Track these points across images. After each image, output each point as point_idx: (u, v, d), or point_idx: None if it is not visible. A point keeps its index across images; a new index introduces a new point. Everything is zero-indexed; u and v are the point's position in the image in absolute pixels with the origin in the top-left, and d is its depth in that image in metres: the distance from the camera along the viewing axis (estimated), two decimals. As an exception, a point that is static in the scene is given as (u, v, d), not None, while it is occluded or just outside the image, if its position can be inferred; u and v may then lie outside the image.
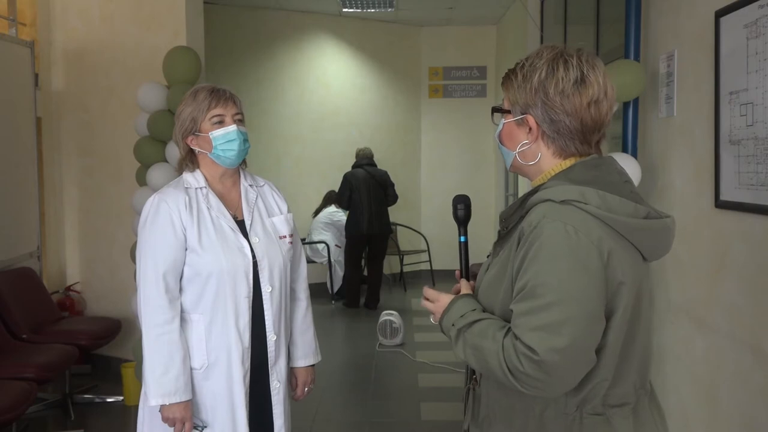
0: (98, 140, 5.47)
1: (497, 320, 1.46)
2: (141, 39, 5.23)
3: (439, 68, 9.58)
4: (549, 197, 1.43)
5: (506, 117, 1.56)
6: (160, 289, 2.15)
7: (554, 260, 1.36)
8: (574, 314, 1.34)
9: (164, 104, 4.50)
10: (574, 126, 1.48)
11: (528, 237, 1.40)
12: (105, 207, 5.48)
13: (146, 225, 2.21)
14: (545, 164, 1.53)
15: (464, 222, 1.74)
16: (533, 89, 1.48)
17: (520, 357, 1.34)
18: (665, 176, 3.29)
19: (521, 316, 1.36)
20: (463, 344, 1.47)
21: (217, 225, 2.24)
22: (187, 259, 2.20)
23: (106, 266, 5.52)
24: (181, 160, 2.33)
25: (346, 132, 8.95)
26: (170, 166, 4.39)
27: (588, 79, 1.47)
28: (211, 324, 2.22)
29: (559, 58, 1.49)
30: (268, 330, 2.30)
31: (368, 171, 7.61)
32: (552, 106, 1.47)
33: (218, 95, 2.25)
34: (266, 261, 2.29)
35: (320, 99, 8.83)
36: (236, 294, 2.22)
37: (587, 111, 1.47)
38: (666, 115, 3.27)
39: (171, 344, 2.16)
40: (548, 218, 1.39)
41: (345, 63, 9.03)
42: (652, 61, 3.43)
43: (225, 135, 2.25)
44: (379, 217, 7.59)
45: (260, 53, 8.46)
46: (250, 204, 2.35)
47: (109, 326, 4.96)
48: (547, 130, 1.50)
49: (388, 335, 6.22)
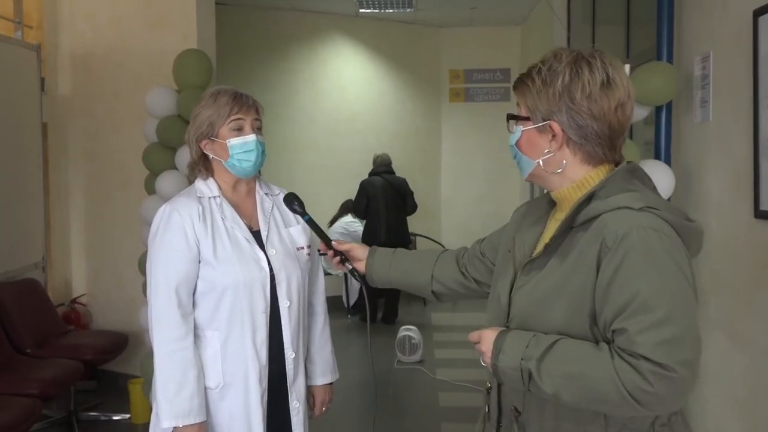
0: (105, 146, 5.52)
1: (577, 342, 1.42)
2: (150, 42, 5.29)
3: (461, 71, 9.59)
4: (625, 204, 1.42)
5: (525, 124, 1.56)
6: (172, 304, 2.16)
7: (660, 270, 1.36)
8: (689, 324, 1.36)
9: (174, 109, 4.54)
10: (602, 131, 1.49)
11: (617, 248, 1.38)
12: (112, 215, 5.53)
13: (157, 236, 2.21)
14: (574, 172, 1.53)
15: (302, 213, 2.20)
16: (557, 94, 1.49)
17: (647, 376, 1.32)
18: (701, 185, 3.27)
19: (641, 332, 1.34)
20: (549, 378, 1.41)
21: (232, 236, 2.25)
22: (201, 272, 2.20)
23: (113, 278, 5.56)
24: (193, 165, 2.33)
25: (362, 138, 8.97)
26: (180, 173, 4.42)
27: (614, 82, 1.48)
28: (227, 341, 2.22)
29: (582, 60, 1.49)
30: (286, 347, 2.30)
31: (386, 179, 7.62)
32: (578, 111, 1.48)
33: (241, 101, 2.25)
34: (284, 274, 2.29)
35: (335, 103, 8.87)
36: (253, 309, 2.22)
37: (614, 114, 1.48)
38: (701, 120, 3.25)
39: (184, 362, 2.15)
40: (637, 227, 1.38)
41: (361, 66, 9.07)
42: (685, 63, 3.42)
43: (243, 144, 2.25)
44: (398, 226, 7.58)
45: (273, 55, 8.51)
46: (266, 214, 2.36)
47: (115, 340, 5.00)
48: (573, 136, 1.50)
49: (406, 351, 6.21)
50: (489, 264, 1.90)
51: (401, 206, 7.63)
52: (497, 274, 1.72)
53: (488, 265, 1.90)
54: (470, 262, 1.96)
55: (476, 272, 1.95)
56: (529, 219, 1.71)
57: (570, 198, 1.56)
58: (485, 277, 1.92)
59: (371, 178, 7.68)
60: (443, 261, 2.02)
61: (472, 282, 1.96)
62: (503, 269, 1.69)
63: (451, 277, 1.99)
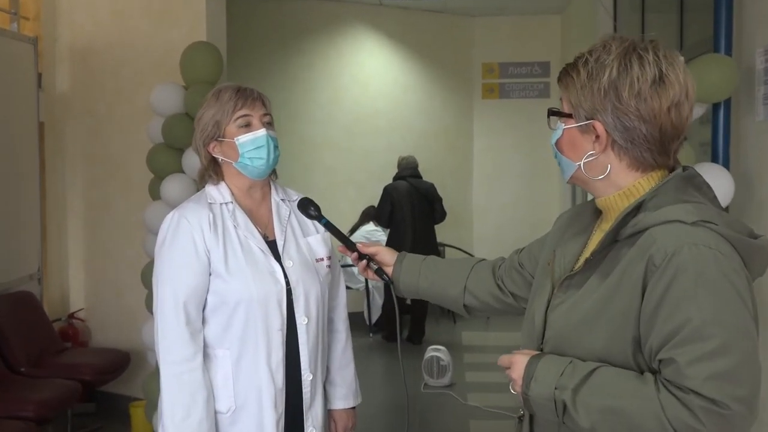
0: (107, 148, 5.57)
1: (618, 371, 1.40)
2: (155, 34, 5.33)
3: (495, 64, 9.58)
4: (676, 217, 1.39)
5: (566, 122, 1.54)
6: (180, 320, 2.17)
7: (714, 294, 1.33)
8: (747, 356, 1.32)
9: (181, 107, 4.58)
10: (651, 134, 1.45)
11: (665, 268, 1.35)
12: (114, 223, 5.58)
13: (164, 246, 2.23)
14: (621, 179, 1.51)
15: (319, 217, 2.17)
16: (602, 91, 1.46)
17: (697, 413, 1.30)
18: (763, 190, 3.24)
19: (692, 364, 1.31)
20: (586, 411, 1.38)
21: (245, 246, 2.25)
22: (212, 285, 2.21)
23: (114, 291, 5.60)
24: (203, 171, 2.35)
25: (386, 138, 8.99)
26: (187, 177, 4.45)
27: (668, 78, 1.44)
28: (239, 361, 2.23)
29: (632, 52, 1.46)
30: (303, 368, 2.30)
31: (412, 183, 7.62)
32: (625, 112, 1.44)
33: (245, 95, 2.27)
34: (301, 288, 2.29)
35: (356, 100, 8.90)
36: (268, 326, 2.23)
37: (667, 116, 1.45)
38: (764, 118, 3.22)
39: (193, 384, 2.16)
40: (689, 243, 1.35)
41: (385, 59, 9.09)
42: (746, 55, 3.39)
43: (253, 140, 2.26)
44: (425, 236, 7.58)
45: (288, 49, 8.56)
46: (283, 222, 2.36)
47: (116, 359, 5.04)
48: (618, 138, 1.47)
49: (434, 374, 6.19)
50: (528, 277, 1.88)
51: (428, 213, 7.63)
52: (534, 290, 1.71)
53: (527, 277, 1.89)
54: (507, 274, 1.95)
55: (513, 285, 1.93)
56: (573, 228, 1.69)
57: (616, 207, 1.53)
58: (523, 291, 1.90)
59: (396, 183, 7.68)
60: (478, 271, 2.00)
61: (508, 296, 1.94)
62: (541, 284, 1.67)
63: (485, 289, 1.97)
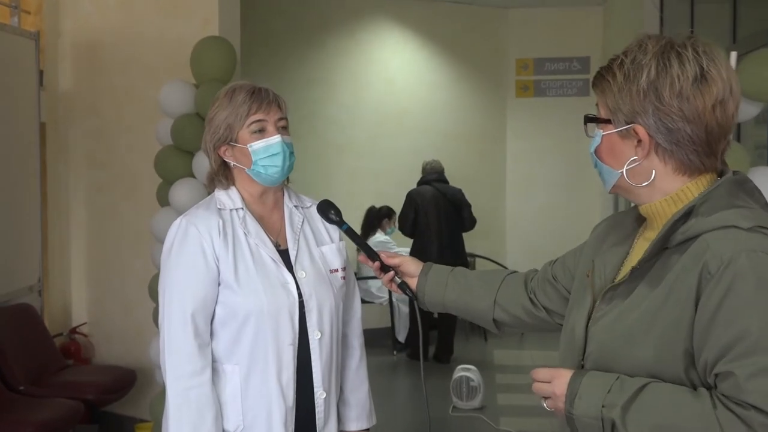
0: (113, 150, 5.61)
1: (670, 387, 1.42)
2: (165, 28, 5.37)
3: (530, 60, 9.56)
4: (732, 223, 1.41)
5: (605, 128, 1.56)
6: (187, 333, 2.19)
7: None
8: None
9: (192, 107, 4.61)
10: (696, 135, 1.48)
11: (721, 276, 1.37)
12: (119, 231, 5.61)
13: (171, 254, 2.25)
14: (667, 184, 1.53)
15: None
16: (641, 92, 1.48)
17: (759, 430, 1.31)
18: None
19: (752, 378, 1.32)
20: (636, 429, 1.40)
21: (256, 255, 2.27)
22: (220, 296, 2.23)
23: (119, 304, 5.63)
24: (212, 175, 2.37)
25: (411, 139, 8.99)
26: (198, 182, 4.48)
27: (710, 75, 1.47)
28: (249, 377, 2.24)
29: (670, 50, 1.48)
30: (316, 386, 2.32)
31: (438, 188, 7.61)
32: (668, 113, 1.47)
33: (260, 97, 2.28)
34: (315, 300, 2.31)
35: (380, 99, 8.92)
36: (279, 341, 2.25)
37: (712, 114, 1.47)
38: (824, 118, 3.19)
39: (201, 400, 2.18)
40: (747, 250, 1.37)
41: (411, 55, 9.11)
42: (804, 49, 3.36)
43: (267, 147, 2.28)
44: (452, 244, 7.55)
45: (307, 44, 8.59)
46: (295, 230, 2.38)
47: (121, 377, 5.07)
48: (662, 141, 1.49)
49: (464, 396, 6.17)
50: (562, 290, 1.89)
51: (456, 220, 7.61)
52: (572, 303, 1.72)
53: (561, 291, 1.90)
54: (540, 287, 1.96)
55: (547, 299, 1.94)
56: (612, 238, 1.70)
57: (663, 213, 1.55)
58: (557, 305, 1.91)
59: (420, 188, 7.68)
60: (509, 284, 2.02)
61: (541, 310, 1.95)
62: (579, 297, 1.68)
63: (517, 303, 1.98)
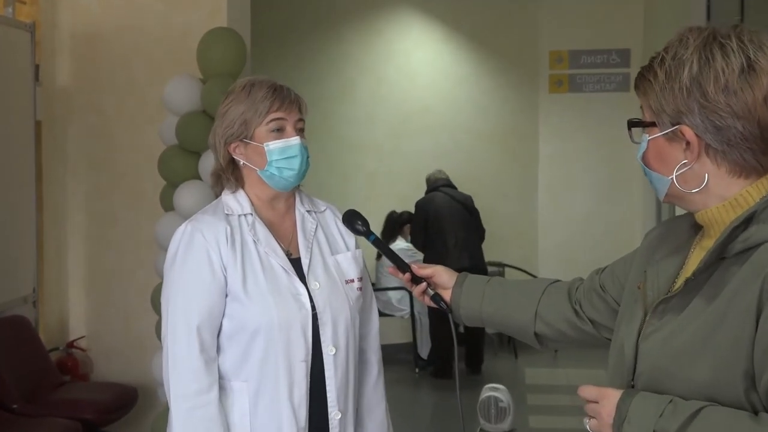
0: (113, 151, 5.63)
1: (728, 411, 1.41)
2: (169, 19, 5.39)
3: (564, 52, 9.53)
4: None
5: (650, 132, 1.56)
6: (193, 348, 2.20)
7: None
8: None
9: (198, 104, 4.63)
10: (749, 131, 1.47)
11: None
12: (120, 238, 5.63)
13: (176, 262, 2.26)
14: (723, 188, 1.52)
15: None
16: (684, 90, 1.48)
17: None
18: None
19: None
20: None
21: (266, 265, 2.28)
22: (228, 309, 2.24)
23: (120, 316, 5.65)
24: (218, 173, 2.38)
25: (434, 138, 8.98)
26: (205, 184, 4.49)
27: (758, 65, 1.46)
28: (258, 395, 2.25)
29: (713, 42, 1.48)
30: (330, 405, 2.32)
31: (448, 193, 7.63)
32: (714, 109, 1.46)
33: (282, 95, 2.30)
34: (329, 313, 2.31)
35: (402, 96, 8.92)
36: (290, 356, 2.25)
37: (764, 107, 1.46)
38: None
39: (207, 420, 2.19)
40: None
41: (435, 48, 9.11)
42: None
43: (285, 149, 2.29)
44: (470, 248, 7.55)
45: (322, 36, 8.61)
46: (308, 237, 2.39)
47: (122, 395, 5.08)
48: (712, 142, 1.49)
49: (492, 418, 6.14)
50: (610, 301, 1.89)
51: (472, 225, 7.62)
52: (622, 316, 1.71)
53: (610, 302, 1.89)
54: (586, 297, 1.95)
55: (593, 311, 1.93)
56: (666, 246, 1.69)
57: (721, 220, 1.54)
58: (604, 317, 1.90)
59: (428, 196, 7.74)
60: (551, 295, 2.01)
61: (587, 323, 1.94)
62: (630, 310, 1.67)
63: (560, 315, 1.98)
